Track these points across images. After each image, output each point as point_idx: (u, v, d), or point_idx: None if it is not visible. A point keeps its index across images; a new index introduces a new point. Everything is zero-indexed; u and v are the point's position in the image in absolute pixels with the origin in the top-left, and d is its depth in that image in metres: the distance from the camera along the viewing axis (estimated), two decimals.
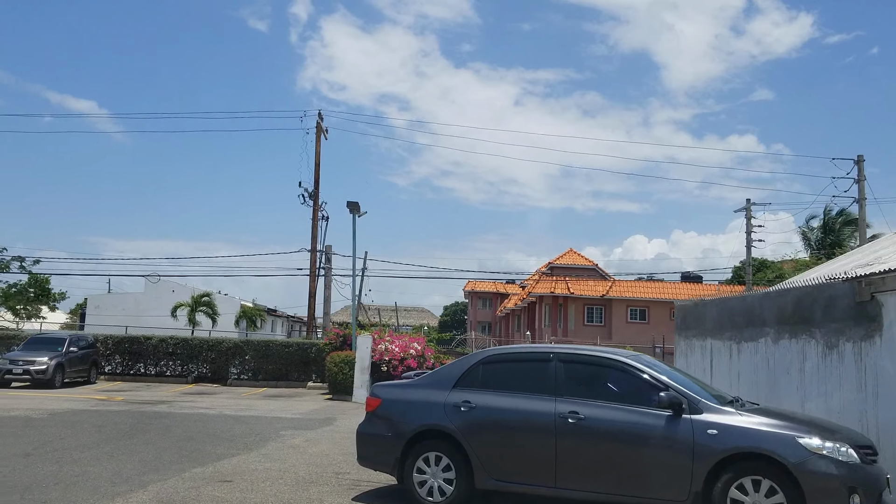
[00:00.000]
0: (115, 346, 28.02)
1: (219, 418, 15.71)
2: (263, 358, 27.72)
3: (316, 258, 30.24)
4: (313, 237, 30.22)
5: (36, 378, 23.12)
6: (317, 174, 30.46)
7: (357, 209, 24.99)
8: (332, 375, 22.84)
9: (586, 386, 7.05)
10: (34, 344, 24.78)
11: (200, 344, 27.98)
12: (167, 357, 28.03)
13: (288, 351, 27.71)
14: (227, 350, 27.86)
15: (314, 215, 30.22)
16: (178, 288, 56.58)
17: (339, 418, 16.81)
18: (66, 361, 24.30)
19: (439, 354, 26.82)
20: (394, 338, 24.12)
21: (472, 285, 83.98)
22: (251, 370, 27.93)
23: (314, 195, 30.20)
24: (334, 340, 25.75)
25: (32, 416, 14.67)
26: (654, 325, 48.28)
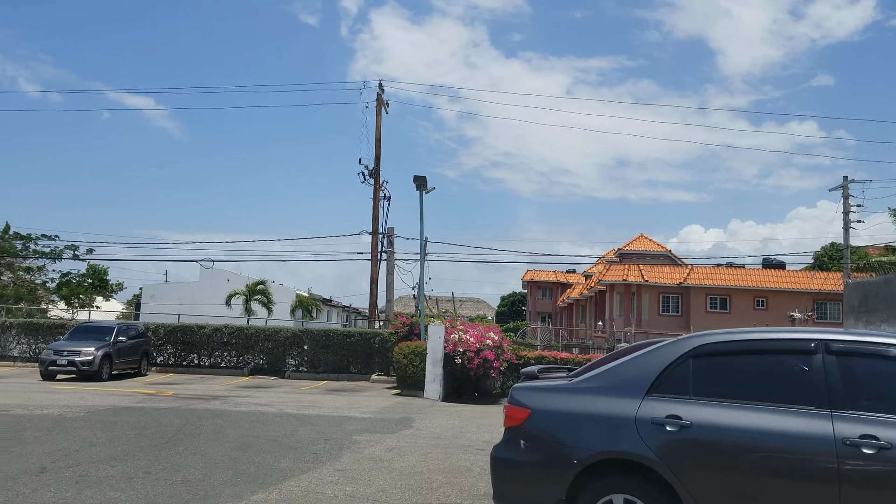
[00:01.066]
0: (167, 335, 26.21)
1: (279, 418, 13.42)
2: (323, 349, 25.54)
3: (378, 241, 27.91)
4: (374, 218, 27.91)
5: (82, 370, 21.33)
6: (377, 150, 28.12)
7: (424, 184, 22.53)
8: (400, 368, 20.44)
9: (881, 394, 4.38)
10: (80, 333, 23.03)
11: (256, 333, 25.96)
12: (222, 347, 26.09)
13: (349, 341, 25.47)
14: (285, 340, 25.77)
15: (375, 195, 27.89)
16: (232, 277, 55.20)
17: (416, 419, 14.37)
18: (115, 352, 22.49)
19: (515, 346, 24.20)
20: (467, 327, 21.60)
21: (531, 275, 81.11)
22: (310, 362, 25.79)
23: (375, 173, 27.86)
24: (400, 330, 23.38)
25: (66, 416, 12.59)
26: (735, 314, 44.80)
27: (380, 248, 27.97)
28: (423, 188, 22.57)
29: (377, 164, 27.92)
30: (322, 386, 22.92)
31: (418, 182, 22.35)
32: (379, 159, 27.98)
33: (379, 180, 27.94)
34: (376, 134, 28.23)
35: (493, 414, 16.24)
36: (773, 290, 45.53)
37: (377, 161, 27.98)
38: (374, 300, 28.08)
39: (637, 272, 45.65)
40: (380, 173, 27.93)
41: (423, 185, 22.46)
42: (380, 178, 27.96)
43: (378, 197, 27.92)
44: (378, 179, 27.92)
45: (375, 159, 28.00)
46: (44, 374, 21.56)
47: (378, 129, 28.22)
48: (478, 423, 14.12)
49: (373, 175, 27.86)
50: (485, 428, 13.29)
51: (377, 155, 28.07)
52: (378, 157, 28.03)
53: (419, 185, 22.42)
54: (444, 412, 16.26)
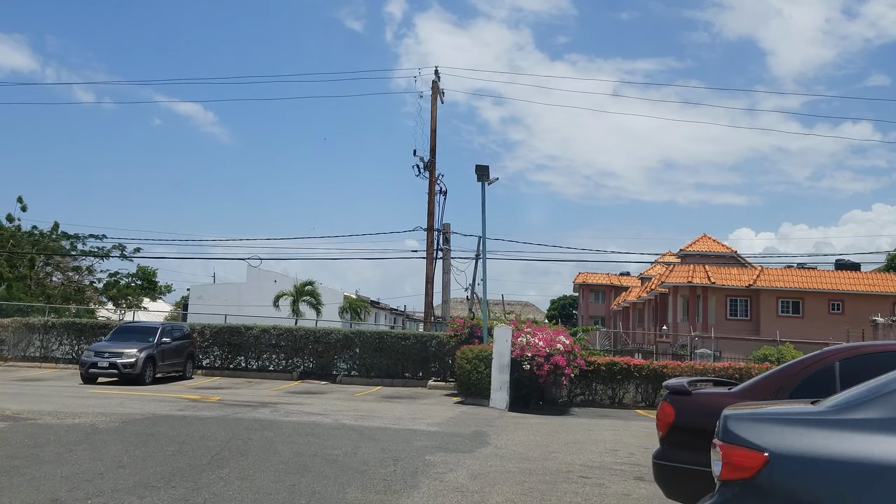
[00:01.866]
0: (213, 336, 24.91)
1: (337, 431, 11.76)
2: (377, 352, 23.92)
3: (433, 238, 26.21)
4: (430, 213, 26.21)
5: (124, 373, 20.07)
6: (433, 141, 26.44)
7: (486, 174, 20.75)
8: (463, 374, 18.65)
9: None
10: (123, 334, 21.81)
11: (306, 335, 24.47)
12: (270, 350, 24.67)
13: (404, 344, 23.80)
14: (336, 343, 24.22)
15: (431, 188, 26.20)
16: (279, 278, 54.21)
17: (489, 434, 12.58)
18: (158, 354, 21.19)
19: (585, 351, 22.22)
20: (535, 329, 19.72)
21: (583, 277, 78.73)
22: (362, 366, 24.20)
23: (430, 165, 26.18)
24: (460, 332, 21.62)
25: (99, 426, 11.12)
26: (809, 318, 41.96)
27: (435, 245, 26.26)
28: (486, 178, 20.80)
29: (432, 156, 26.26)
30: (376, 392, 21.29)
31: (480, 172, 20.58)
32: (434, 151, 26.32)
33: (434, 173, 26.27)
34: (432, 124, 26.57)
35: (572, 428, 14.34)
36: (849, 292, 42.52)
37: (432, 153, 26.32)
38: (429, 300, 26.38)
39: (703, 274, 43.09)
40: (435, 165, 26.27)
41: (485, 175, 20.69)
42: (435, 170, 26.28)
43: (434, 191, 26.23)
44: (433, 172, 26.24)
45: (431, 151, 26.34)
46: (84, 377, 20.37)
47: (433, 119, 26.56)
48: (563, 441, 12.25)
49: (428, 167, 26.19)
50: (574, 447, 11.42)
51: (432, 146, 26.41)
52: (433, 148, 26.37)
53: (481, 175, 20.65)
54: (519, 425, 14.42)
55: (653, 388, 21.21)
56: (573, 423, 15.73)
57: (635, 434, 13.61)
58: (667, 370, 21.10)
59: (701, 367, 21.87)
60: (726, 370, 21.44)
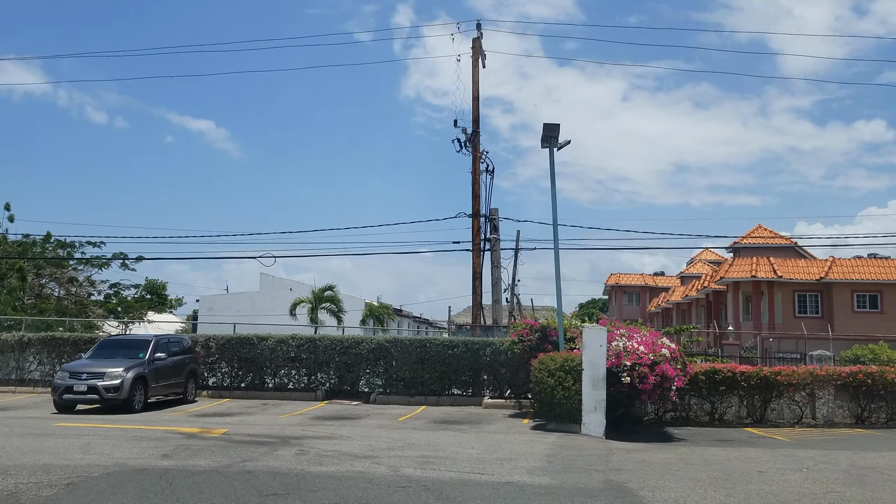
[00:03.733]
0: (220, 350, 20.70)
1: (401, 491, 7.52)
2: (418, 363, 19.65)
3: (479, 225, 21.95)
4: (474, 196, 21.97)
5: (107, 398, 15.91)
6: (475, 111, 22.22)
7: (556, 136, 16.48)
8: (544, 391, 14.30)
9: None
10: (107, 349, 17.65)
11: (332, 345, 20.22)
12: (288, 364, 20.45)
13: (452, 354, 19.50)
14: (368, 354, 19.95)
15: (475, 165, 21.96)
16: (295, 286, 50.21)
17: (630, 485, 8.26)
18: (151, 373, 17.00)
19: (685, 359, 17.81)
20: (630, 331, 15.41)
21: (615, 279, 74.31)
22: (400, 380, 19.94)
23: (473, 138, 21.96)
24: (526, 336, 17.31)
25: (22, 494, 6.88)
26: (889, 314, 37.31)
27: (484, 235, 22.00)
28: (554, 142, 16.51)
29: (475, 127, 22.01)
30: (422, 414, 17.03)
31: (549, 133, 16.30)
32: (477, 121, 22.07)
33: (478, 147, 22.02)
34: (473, 90, 22.35)
35: (727, 466, 9.97)
36: None
37: (475, 123, 22.08)
38: (477, 300, 22.07)
39: (768, 267, 38.53)
40: (479, 139, 22.02)
41: (554, 136, 16.41)
42: (479, 145, 22.04)
43: (478, 168, 21.99)
44: (477, 146, 22.00)
45: (473, 121, 22.12)
46: (58, 405, 16.23)
47: (476, 85, 22.33)
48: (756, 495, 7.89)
49: (471, 141, 21.96)
50: None
51: (475, 116, 22.17)
52: (477, 118, 22.12)
53: (550, 136, 16.38)
54: (648, 466, 10.10)
55: (761, 399, 16.97)
56: (711, 456, 11.36)
57: (828, 470, 9.23)
58: (780, 378, 16.82)
59: (823, 372, 17.49)
60: (855, 375, 17.14)
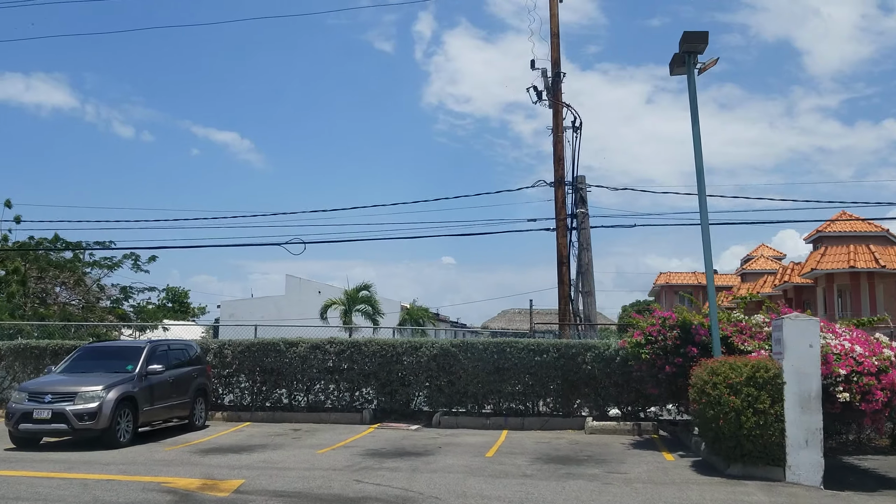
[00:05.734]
0: (238, 358, 16.17)
1: None
2: (494, 374, 14.98)
3: (564, 196, 17.25)
4: (556, 158, 17.28)
5: (80, 427, 11.44)
6: (555, 52, 17.52)
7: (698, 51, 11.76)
8: (723, 416, 9.43)
9: None
10: (86, 361, 13.18)
11: (381, 352, 15.57)
12: (325, 376, 15.87)
13: (541, 361, 14.78)
14: (429, 362, 15.29)
15: (556, 120, 17.28)
16: (324, 288, 45.74)
17: None
18: (142, 391, 12.50)
19: None
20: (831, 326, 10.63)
21: (665, 278, 69.04)
22: (470, 396, 15.30)
23: (555, 83, 17.28)
24: (657, 336, 12.52)
25: None
26: None
27: (573, 208, 17.29)
28: (693, 60, 11.76)
29: (556, 69, 17.30)
30: (513, 444, 12.35)
31: (689, 48, 11.55)
32: (558, 63, 17.36)
33: (561, 96, 17.33)
34: (552, 27, 17.65)
35: None
36: None
37: (555, 66, 17.37)
38: (565, 292, 17.32)
39: (868, 256, 33.32)
40: (561, 85, 17.33)
41: (694, 52, 11.65)
42: (561, 92, 17.34)
43: (560, 123, 17.29)
44: (560, 95, 17.30)
45: (552, 64, 17.41)
46: (15, 437, 11.79)
47: (554, 19, 17.63)
48: None
49: (551, 89, 17.26)
50: None
51: (555, 58, 17.46)
52: (557, 60, 17.42)
53: (689, 53, 11.63)
54: None
55: None
56: None
57: None
58: None
59: None
60: None
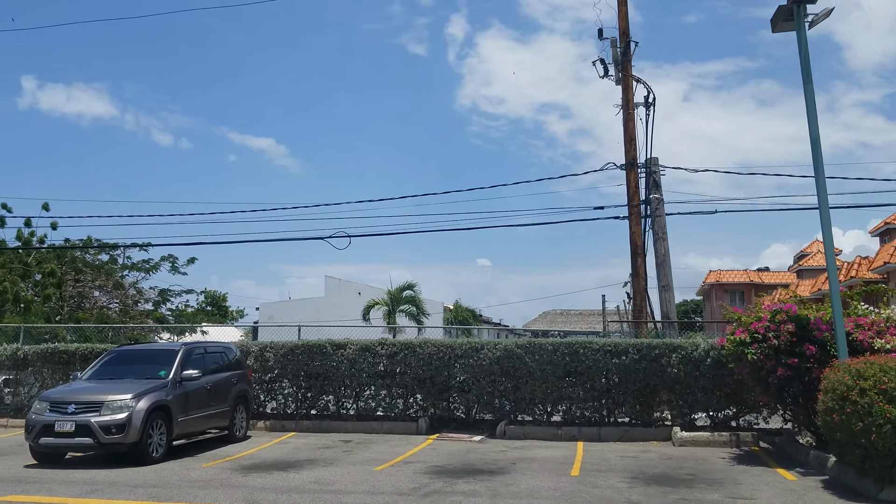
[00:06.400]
0: (281, 362, 14.78)
1: None
2: (564, 378, 13.37)
3: (636, 179, 15.55)
4: (628, 138, 15.60)
5: (105, 441, 10.08)
6: (623, 20, 15.84)
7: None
8: (875, 429, 7.69)
9: None
10: (114, 366, 11.88)
11: (437, 354, 14.03)
12: (377, 381, 14.40)
13: (620, 363, 13.12)
14: (491, 365, 13.71)
15: (625, 95, 15.60)
16: (364, 289, 44.54)
17: None
18: (177, 400, 11.15)
19: None
20: None
21: (715, 276, 66.51)
22: (538, 402, 13.71)
23: (624, 54, 15.59)
24: (767, 332, 10.75)
25: None
26: None
27: (646, 193, 15.59)
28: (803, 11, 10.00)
29: (625, 39, 15.60)
30: (595, 460, 10.72)
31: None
32: (627, 34, 15.66)
33: (630, 68, 15.64)
34: None
35: None
36: None
37: (623, 35, 15.68)
38: (641, 286, 15.58)
39: None
40: (631, 58, 15.63)
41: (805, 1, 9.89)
42: (631, 65, 15.65)
43: (631, 99, 15.60)
44: (629, 67, 15.61)
45: (621, 34, 15.72)
46: (36, 452, 10.52)
47: None
48: None
49: (620, 61, 15.57)
50: None
51: (623, 28, 15.77)
52: (625, 30, 15.72)
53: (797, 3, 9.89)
54: None
55: None
56: None
57: None
58: None
59: None
60: None
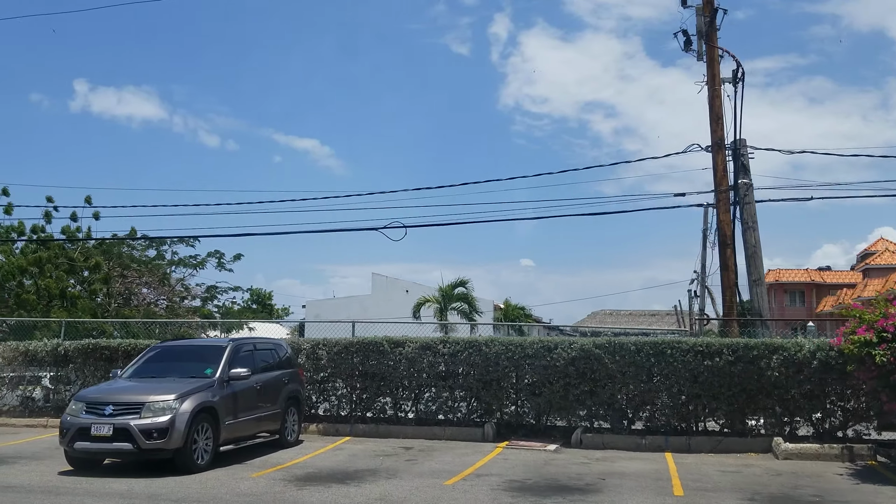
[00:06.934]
0: (334, 361, 13.68)
1: None
2: (648, 382, 12.00)
3: (724, 163, 14.10)
4: (714, 116, 14.14)
5: (147, 447, 9.06)
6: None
7: None
8: None
9: None
10: (157, 363, 10.91)
11: (506, 353, 12.76)
12: (437, 381, 13.20)
13: (712, 365, 11.72)
14: (566, 366, 12.38)
15: (711, 69, 14.14)
16: (412, 287, 43.47)
17: None
18: (224, 401, 10.12)
19: None
20: None
21: (774, 276, 63.70)
22: (618, 408, 12.37)
23: (708, 25, 14.11)
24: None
25: None
26: None
27: (731, 178, 14.12)
28: None
29: (711, 7, 14.10)
30: (694, 476, 9.38)
31: None
32: (713, 2, 14.17)
33: (716, 40, 14.16)
34: None
35: None
36: None
37: (708, 4, 14.18)
38: (731, 281, 14.10)
39: None
40: (716, 29, 14.15)
41: None
42: (717, 37, 14.18)
43: (717, 73, 14.12)
44: (714, 39, 14.14)
45: (704, 3, 14.22)
46: (71, 457, 9.57)
47: None
48: None
49: (706, 34, 14.09)
50: None
51: None
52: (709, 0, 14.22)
53: None
54: None
55: None
56: None
57: None
58: None
59: None
60: None
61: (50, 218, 30.49)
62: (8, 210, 27.66)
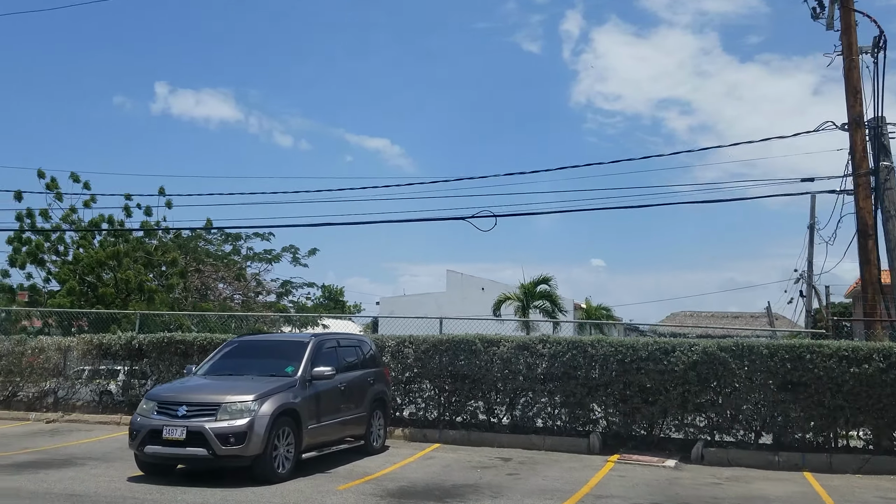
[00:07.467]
0: (421, 360, 12.57)
1: None
2: (782, 391, 10.47)
3: (862, 142, 12.36)
4: (850, 89, 12.41)
5: (223, 453, 8.10)
6: None
7: None
8: None
9: None
10: (234, 359, 9.98)
11: (616, 355, 11.39)
12: (535, 385, 11.92)
13: (858, 373, 10.13)
14: (685, 371, 10.92)
15: (847, 36, 12.42)
16: (488, 285, 42.16)
17: None
18: (307, 403, 9.11)
19: None
20: None
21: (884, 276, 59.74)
22: (745, 420, 10.85)
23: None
24: None
25: None
26: None
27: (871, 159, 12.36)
28: None
29: None
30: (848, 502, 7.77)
31: None
32: None
33: (852, 2, 12.42)
34: None
35: None
36: None
37: None
38: (873, 276, 12.40)
39: None
40: None
41: None
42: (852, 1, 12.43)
43: (853, 42, 12.39)
44: (850, 2, 12.39)
45: None
46: (141, 462, 8.70)
47: None
48: None
49: None
50: None
51: None
52: None
53: None
54: None
55: None
56: None
57: None
58: None
59: None
60: None
61: (129, 212, 30.52)
62: (87, 204, 27.71)
